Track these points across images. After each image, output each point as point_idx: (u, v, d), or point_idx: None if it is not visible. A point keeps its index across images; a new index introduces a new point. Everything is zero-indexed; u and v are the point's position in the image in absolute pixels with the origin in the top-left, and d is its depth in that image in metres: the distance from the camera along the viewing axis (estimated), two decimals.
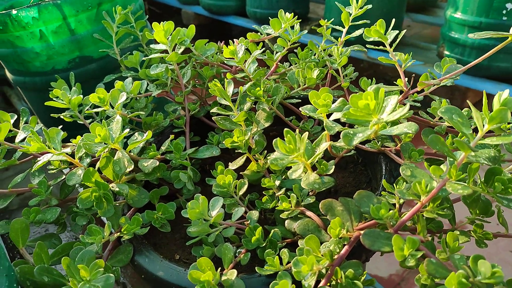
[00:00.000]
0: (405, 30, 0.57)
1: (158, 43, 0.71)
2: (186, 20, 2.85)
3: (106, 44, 0.88)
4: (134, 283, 1.04)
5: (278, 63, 0.73)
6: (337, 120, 0.49)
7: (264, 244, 0.51)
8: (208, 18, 2.44)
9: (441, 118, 0.59)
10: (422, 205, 0.39)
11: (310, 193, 0.54)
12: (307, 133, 0.43)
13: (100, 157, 0.59)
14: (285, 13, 0.70)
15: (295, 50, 0.75)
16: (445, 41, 1.48)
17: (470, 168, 0.40)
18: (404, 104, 0.43)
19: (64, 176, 0.62)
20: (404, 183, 0.46)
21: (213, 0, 2.22)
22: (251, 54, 0.68)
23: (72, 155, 0.59)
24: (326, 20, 0.74)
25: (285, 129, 0.44)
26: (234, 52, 0.63)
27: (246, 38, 0.72)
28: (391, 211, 0.40)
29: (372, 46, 0.58)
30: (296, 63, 0.72)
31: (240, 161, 0.60)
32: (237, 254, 0.52)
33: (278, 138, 0.43)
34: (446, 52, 1.48)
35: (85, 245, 0.53)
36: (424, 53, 1.71)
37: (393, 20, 0.59)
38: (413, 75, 0.60)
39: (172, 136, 0.64)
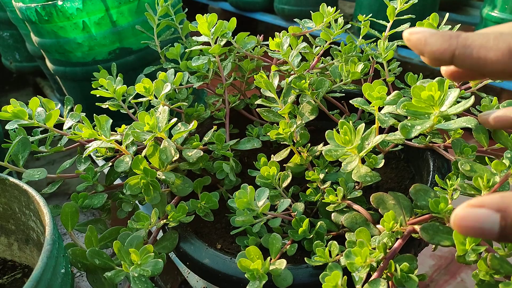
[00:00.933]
0: (459, 25, 0.56)
1: (200, 35, 0.71)
2: None
3: (146, 36, 0.90)
4: (161, 274, 1.05)
5: (320, 57, 0.72)
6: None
7: (311, 236, 0.51)
8: (234, 14, 2.45)
9: None
10: None
11: (356, 187, 0.54)
12: (363, 124, 0.42)
13: (145, 146, 0.60)
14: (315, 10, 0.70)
15: (332, 46, 0.75)
16: None
17: None
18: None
19: (110, 164, 0.63)
20: (458, 179, 0.45)
21: None
22: (291, 47, 0.68)
23: (119, 143, 0.60)
24: (356, 17, 0.74)
25: (341, 120, 0.44)
26: (279, 44, 0.63)
27: (272, 35, 0.72)
28: (450, 205, 0.39)
29: None
30: (337, 57, 0.72)
31: (284, 153, 0.60)
32: (281, 245, 0.52)
33: (334, 129, 0.43)
34: None
35: (132, 230, 0.54)
36: None
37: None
38: None
39: (215, 127, 0.65)
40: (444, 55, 0.30)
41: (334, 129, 0.45)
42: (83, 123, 0.57)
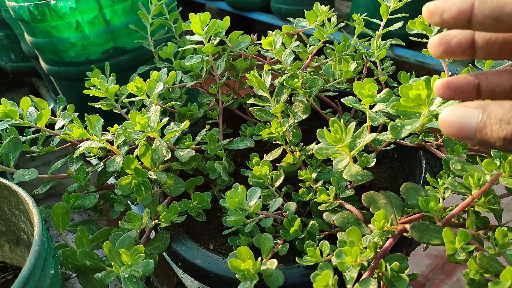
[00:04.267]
0: None
1: (193, 34, 0.71)
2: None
3: (140, 36, 0.89)
4: (157, 275, 1.05)
5: (314, 56, 0.72)
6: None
7: (303, 236, 0.51)
8: (231, 14, 2.44)
9: None
10: (472, 199, 0.38)
11: (349, 186, 0.54)
12: (354, 123, 0.42)
13: (137, 146, 0.59)
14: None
15: (326, 45, 0.74)
16: None
17: None
18: None
19: (102, 164, 0.63)
20: (449, 177, 0.45)
21: None
22: (285, 46, 0.68)
23: (110, 143, 0.60)
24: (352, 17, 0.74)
25: (331, 119, 0.43)
26: (272, 43, 0.63)
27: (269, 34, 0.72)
28: (440, 204, 0.39)
29: (415, 39, 0.57)
30: (331, 56, 0.72)
31: (276, 153, 0.60)
32: (273, 245, 0.52)
33: (324, 127, 0.43)
34: None
35: (123, 231, 0.53)
36: None
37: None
38: (457, 69, 0.59)
39: (207, 127, 0.65)
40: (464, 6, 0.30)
41: (325, 127, 0.44)
42: (74, 123, 0.57)
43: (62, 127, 0.65)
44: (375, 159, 0.49)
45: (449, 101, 0.39)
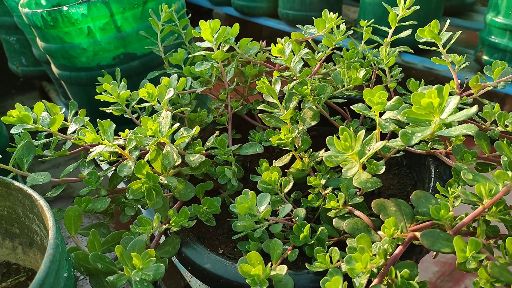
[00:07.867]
0: (459, 32, 0.56)
1: (203, 41, 0.72)
2: None
3: (150, 42, 0.90)
4: (164, 278, 1.05)
5: (322, 63, 0.73)
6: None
7: (312, 242, 0.51)
8: (239, 19, 2.46)
9: (493, 122, 0.57)
10: (483, 208, 0.39)
11: (358, 193, 0.54)
12: (363, 131, 0.43)
13: (148, 151, 0.60)
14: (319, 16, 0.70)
15: (334, 51, 0.75)
16: (484, 46, 1.45)
17: None
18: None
19: (113, 168, 0.63)
20: (459, 186, 0.45)
21: (245, 2, 2.24)
22: (294, 53, 0.69)
23: (122, 148, 0.61)
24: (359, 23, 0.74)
25: (341, 126, 0.44)
26: (281, 50, 0.63)
27: (276, 40, 0.72)
28: (451, 213, 0.39)
29: (424, 47, 0.58)
30: (340, 63, 0.72)
31: (286, 159, 0.61)
32: (283, 251, 0.52)
33: (334, 135, 0.43)
34: (485, 57, 1.44)
35: (134, 235, 0.54)
36: None
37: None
38: (467, 77, 0.59)
39: (217, 132, 0.65)
40: None
41: (335, 135, 0.45)
42: (87, 128, 0.58)
43: (74, 132, 0.66)
44: (384, 167, 0.50)
45: (463, 110, 0.39)
